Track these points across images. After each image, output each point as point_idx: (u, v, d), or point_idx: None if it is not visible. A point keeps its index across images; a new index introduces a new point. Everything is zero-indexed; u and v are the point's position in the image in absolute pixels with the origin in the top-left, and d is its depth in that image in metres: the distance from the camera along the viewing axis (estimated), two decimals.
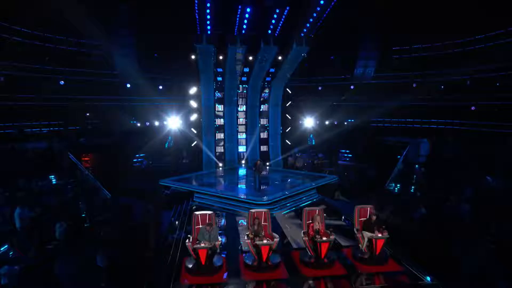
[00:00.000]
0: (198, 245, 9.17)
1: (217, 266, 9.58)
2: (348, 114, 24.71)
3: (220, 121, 24.36)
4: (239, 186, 19.26)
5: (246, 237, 9.95)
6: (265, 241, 9.49)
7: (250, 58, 20.59)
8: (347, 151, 24.99)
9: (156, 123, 23.09)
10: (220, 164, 23.56)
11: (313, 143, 26.29)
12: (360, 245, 10.42)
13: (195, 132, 23.70)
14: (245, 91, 24.45)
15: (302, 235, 10.23)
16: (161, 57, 22.48)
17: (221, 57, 20.42)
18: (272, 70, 22.49)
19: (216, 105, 24.09)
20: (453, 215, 12.69)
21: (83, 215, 13.17)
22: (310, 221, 10.39)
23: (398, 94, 22.05)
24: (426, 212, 12.59)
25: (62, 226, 11.70)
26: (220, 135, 24.42)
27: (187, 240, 9.68)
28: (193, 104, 23.56)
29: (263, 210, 10.58)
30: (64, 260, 10.12)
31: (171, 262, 10.33)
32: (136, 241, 11.13)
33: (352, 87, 24.04)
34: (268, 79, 23.83)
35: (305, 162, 22.60)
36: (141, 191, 16.83)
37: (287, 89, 25.03)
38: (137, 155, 22.35)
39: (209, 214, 10.14)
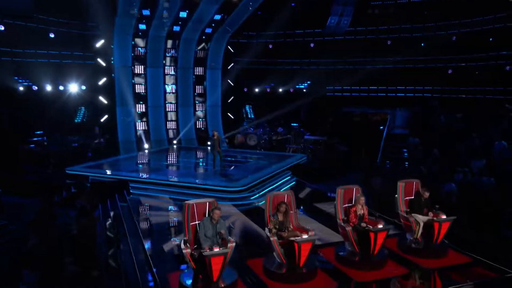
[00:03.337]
0: (210, 252, 6.67)
1: (229, 284, 7.18)
2: (309, 80, 23.75)
3: (141, 88, 21.12)
4: (190, 170, 16.94)
5: (268, 232, 7.80)
6: (305, 236, 7.47)
7: None
8: (299, 124, 23.97)
9: (49, 87, 18.77)
10: (146, 146, 20.42)
11: (252, 116, 24.81)
12: (410, 233, 9.09)
13: (105, 102, 20.09)
14: (174, 52, 21.47)
15: (342, 223, 8.46)
16: None
17: None
18: (217, 17, 20.01)
19: (135, 65, 20.76)
20: (480, 190, 12.33)
21: None
22: (350, 204, 8.68)
23: (369, 55, 21.76)
24: (456, 189, 11.94)
25: None
26: (142, 107, 21.20)
27: (182, 245, 7.10)
28: (102, 62, 19.89)
29: (285, 193, 8.48)
30: None
31: (146, 282, 7.68)
32: (74, 255, 8.10)
33: (312, 45, 22.97)
34: (208, 30, 21.28)
35: (260, 139, 20.90)
36: (45, 184, 13.20)
37: (228, 47, 22.89)
38: (32, 133, 17.94)
39: (209, 203, 7.65)
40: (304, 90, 24.22)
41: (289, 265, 7.67)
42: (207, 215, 7.47)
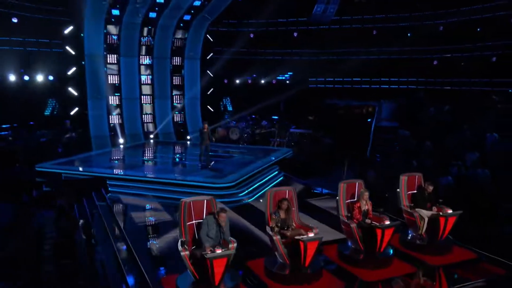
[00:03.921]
0: (213, 253, 6.31)
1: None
2: (292, 71, 23.52)
3: (114, 79, 20.35)
4: (173, 166, 16.59)
5: (269, 231, 7.50)
6: (311, 235, 7.20)
7: None
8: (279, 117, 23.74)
9: (12, 77, 17.82)
10: (121, 141, 19.71)
11: (230, 109, 24.53)
12: (413, 229, 8.98)
13: (75, 93, 19.26)
14: (150, 39, 20.75)
15: (346, 220, 8.25)
16: None
17: None
18: (197, 3, 19.45)
19: (108, 54, 19.95)
20: (476, 183, 12.42)
21: None
22: (353, 200, 8.48)
23: (354, 45, 21.74)
24: (453, 181, 11.97)
25: None
26: (115, 99, 20.44)
27: (179, 246, 6.70)
28: (70, 50, 19.04)
29: (286, 188, 8.17)
30: None
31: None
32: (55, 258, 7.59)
33: (295, 34, 22.72)
34: (186, 17, 20.69)
35: (243, 133, 20.55)
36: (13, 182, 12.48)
37: (207, 35, 22.37)
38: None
39: (208, 201, 7.27)
40: (287, 82, 23.98)
41: (292, 265, 7.40)
42: (204, 214, 7.12)
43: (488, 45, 19.38)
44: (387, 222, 7.87)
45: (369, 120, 19.58)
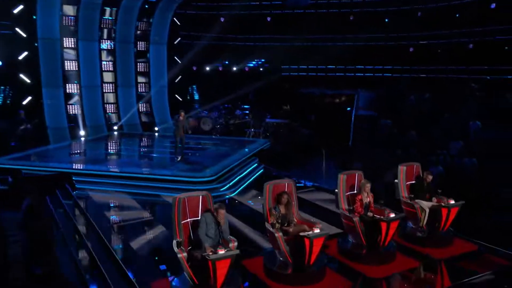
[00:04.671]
0: (215, 255, 5.90)
1: None
2: (265, 58, 23.21)
3: (73, 65, 19.26)
4: (144, 160, 16.12)
5: (270, 227, 7.18)
6: (317, 231, 6.93)
7: None
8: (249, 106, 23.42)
9: None
10: (82, 133, 18.74)
11: (196, 98, 24.07)
12: (412, 221, 8.94)
13: (28, 81, 18.12)
14: (111, 20, 19.81)
15: (348, 214, 8.05)
16: None
17: None
18: None
19: (65, 37, 18.81)
20: (463, 172, 12.64)
21: None
22: (354, 192, 8.31)
23: (330, 31, 21.68)
24: (443, 171, 12.10)
25: None
26: (74, 87, 19.38)
27: (175, 247, 6.25)
28: (21, 33, 17.83)
29: (285, 181, 7.85)
30: None
31: None
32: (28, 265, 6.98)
33: (269, 19, 22.37)
34: None
35: (215, 123, 20.09)
36: None
37: (174, 18, 21.65)
38: None
39: (203, 196, 6.84)
40: (261, 69, 23.63)
41: (295, 264, 7.13)
42: (200, 211, 6.71)
43: (465, 32, 19.76)
44: (392, 215, 7.73)
45: (348, 109, 19.61)
